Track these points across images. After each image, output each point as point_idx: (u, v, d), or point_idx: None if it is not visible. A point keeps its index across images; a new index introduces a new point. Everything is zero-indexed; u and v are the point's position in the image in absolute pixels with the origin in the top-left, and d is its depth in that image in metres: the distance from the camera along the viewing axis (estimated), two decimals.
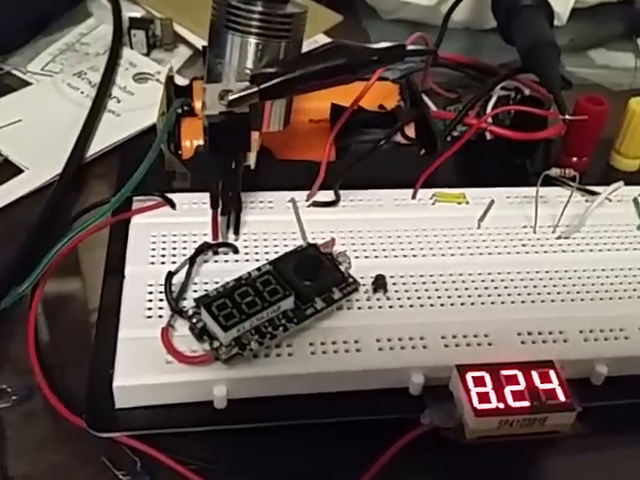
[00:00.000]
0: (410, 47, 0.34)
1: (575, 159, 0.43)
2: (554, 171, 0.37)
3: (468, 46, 0.60)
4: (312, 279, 0.32)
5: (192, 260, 0.33)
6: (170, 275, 0.32)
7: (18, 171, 0.43)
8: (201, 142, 0.39)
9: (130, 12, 0.56)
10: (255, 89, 0.31)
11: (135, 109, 0.48)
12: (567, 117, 0.36)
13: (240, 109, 0.32)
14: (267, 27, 0.32)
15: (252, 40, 0.33)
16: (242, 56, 0.33)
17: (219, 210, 0.35)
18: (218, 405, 0.30)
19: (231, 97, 0.31)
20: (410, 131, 0.41)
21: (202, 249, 0.34)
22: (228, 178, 0.34)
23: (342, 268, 0.33)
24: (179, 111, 0.40)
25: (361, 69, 0.33)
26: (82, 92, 0.49)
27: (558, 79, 0.39)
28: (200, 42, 0.54)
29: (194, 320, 0.30)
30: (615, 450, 0.31)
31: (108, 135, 0.45)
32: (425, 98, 0.45)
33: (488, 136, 0.44)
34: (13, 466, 0.29)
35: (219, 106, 0.31)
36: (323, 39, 0.57)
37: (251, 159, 0.36)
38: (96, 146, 0.44)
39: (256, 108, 0.33)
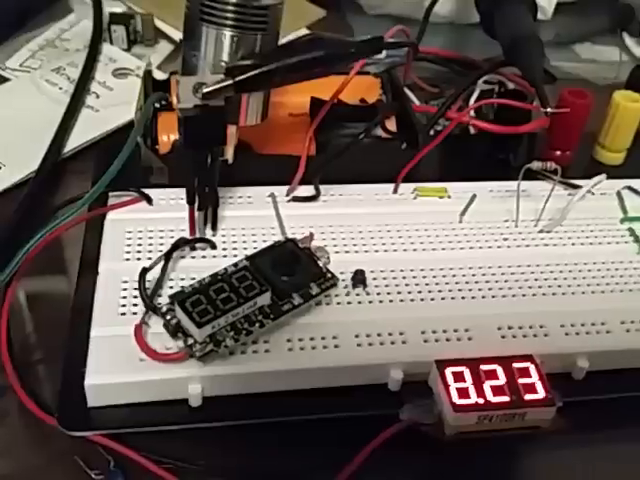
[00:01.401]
0: (388, 40, 0.33)
1: (559, 153, 0.43)
2: (535, 164, 0.36)
3: (453, 40, 0.60)
4: (289, 274, 0.31)
5: (167, 256, 0.33)
6: (144, 271, 0.32)
7: None
8: (178, 137, 0.38)
9: (111, 7, 0.55)
10: (230, 82, 0.31)
11: (114, 105, 0.47)
12: (549, 110, 0.36)
13: (215, 102, 0.31)
14: (242, 19, 0.32)
15: (227, 32, 0.32)
16: (217, 49, 0.33)
17: (196, 205, 0.34)
18: (193, 403, 0.29)
19: (205, 90, 0.30)
20: (391, 125, 0.40)
21: (178, 245, 0.33)
22: (204, 173, 0.33)
23: (320, 263, 0.32)
24: (157, 105, 0.39)
25: (338, 61, 0.33)
26: (60, 88, 0.48)
27: (540, 72, 0.39)
28: (181, 37, 0.53)
29: (168, 317, 0.30)
30: (596, 445, 0.31)
31: (86, 131, 0.45)
32: (408, 93, 0.45)
33: (472, 130, 0.44)
34: None
35: (194, 99, 0.31)
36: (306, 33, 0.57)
37: (228, 153, 0.35)
38: (74, 142, 0.44)
39: (232, 101, 0.33)
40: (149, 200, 0.37)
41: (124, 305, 0.31)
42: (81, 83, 0.48)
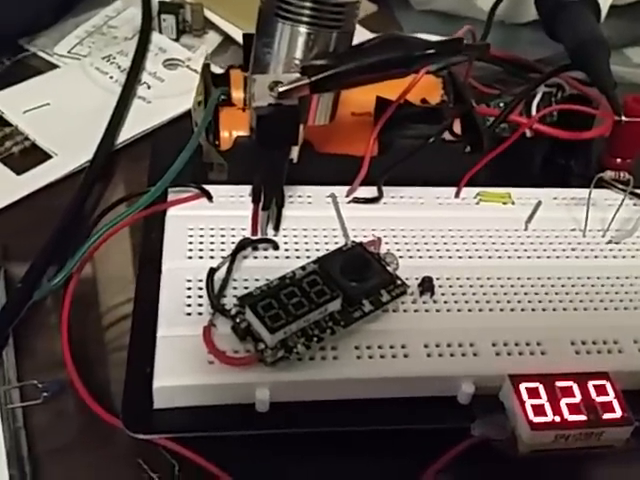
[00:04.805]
0: (466, 42, 0.32)
1: (619, 160, 0.42)
2: (608, 174, 0.35)
3: (502, 40, 0.59)
4: (359, 280, 0.31)
5: (234, 256, 0.32)
6: (212, 272, 0.31)
7: (46, 157, 0.41)
8: (240, 133, 0.37)
9: None
10: (306, 81, 0.30)
11: (166, 96, 0.46)
12: (623, 118, 0.35)
13: (289, 101, 0.30)
14: (319, 16, 0.31)
15: (303, 29, 0.31)
16: (291, 46, 0.32)
17: (260, 204, 0.33)
18: (260, 408, 0.29)
19: (281, 89, 0.30)
20: (456, 127, 0.39)
21: (244, 245, 0.33)
22: (273, 172, 0.32)
23: (390, 269, 0.32)
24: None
25: (417, 63, 0.32)
26: (111, 77, 0.48)
27: (611, 79, 0.38)
28: (231, 29, 0.52)
29: (237, 320, 0.29)
30: None
31: (138, 122, 0.44)
32: None
33: (528, 133, 0.43)
34: (43, 466, 0.28)
35: (268, 98, 0.30)
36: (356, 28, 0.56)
37: (294, 152, 0.34)
38: (127, 133, 0.43)
39: (303, 101, 0.32)
40: (209, 197, 0.36)
41: (189, 305, 0.31)
42: (132, 73, 0.47)
